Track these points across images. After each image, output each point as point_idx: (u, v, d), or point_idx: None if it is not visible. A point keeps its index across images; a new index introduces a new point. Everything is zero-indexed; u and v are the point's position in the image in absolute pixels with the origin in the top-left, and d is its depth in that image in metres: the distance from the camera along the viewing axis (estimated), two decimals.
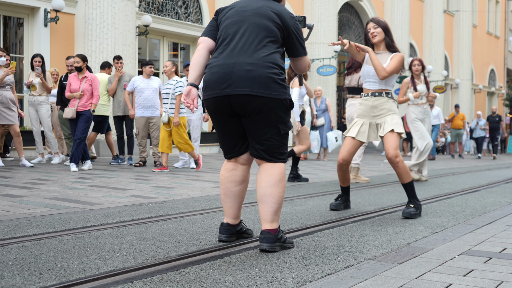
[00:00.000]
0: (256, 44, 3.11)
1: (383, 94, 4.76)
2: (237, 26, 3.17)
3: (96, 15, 12.13)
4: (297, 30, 3.26)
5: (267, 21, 3.15)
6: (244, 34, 3.14)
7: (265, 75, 3.04)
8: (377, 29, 4.80)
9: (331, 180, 8.05)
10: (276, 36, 3.16)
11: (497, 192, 6.87)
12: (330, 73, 18.29)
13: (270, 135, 3.14)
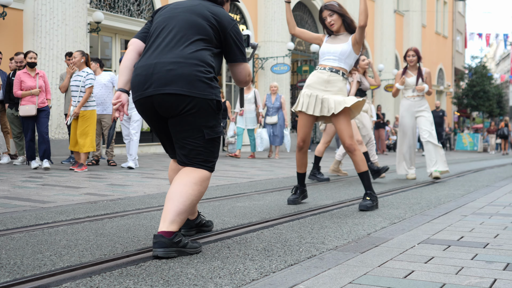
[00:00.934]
0: (183, 41, 2.86)
1: (340, 73, 4.74)
2: (166, 23, 2.96)
3: (46, 11, 11.81)
4: (236, 34, 2.99)
5: (200, 18, 2.91)
6: (171, 31, 2.91)
7: (188, 72, 2.78)
8: (333, 16, 4.78)
9: (287, 177, 8.06)
10: (207, 35, 2.90)
11: (450, 185, 7.01)
12: (284, 71, 18.36)
13: (193, 139, 2.86)
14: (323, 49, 4.84)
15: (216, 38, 2.93)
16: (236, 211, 4.43)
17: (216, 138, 2.93)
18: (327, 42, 4.84)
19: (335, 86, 4.72)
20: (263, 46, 19.08)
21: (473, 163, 13.93)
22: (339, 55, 4.73)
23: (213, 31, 2.91)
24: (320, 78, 4.76)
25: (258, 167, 9.82)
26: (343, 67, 4.77)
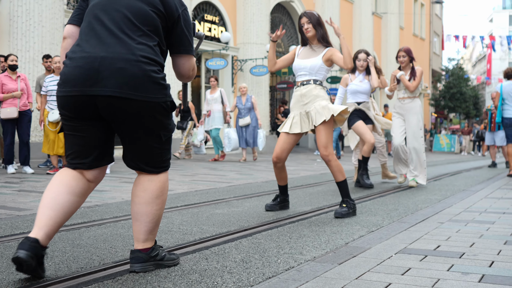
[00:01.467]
0: (130, 32, 2.54)
1: (311, 82, 4.79)
2: (107, 7, 2.58)
3: (22, 12, 11.68)
4: (185, 22, 2.71)
5: (145, 5, 2.59)
6: (114, 18, 2.55)
7: (141, 73, 2.49)
8: (310, 24, 4.83)
9: (266, 181, 8.07)
10: (155, 26, 2.61)
11: (427, 190, 7.07)
12: (263, 73, 18.38)
13: (150, 144, 2.64)
14: (295, 65, 4.92)
15: (163, 27, 2.65)
16: (214, 218, 4.42)
17: (170, 136, 2.75)
18: (299, 57, 4.91)
19: (310, 95, 4.76)
20: (242, 48, 19.08)
21: (450, 165, 14.08)
22: (309, 69, 4.81)
23: (160, 20, 2.62)
24: (296, 96, 4.86)
25: (237, 171, 9.81)
26: (314, 78, 4.82)
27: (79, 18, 2.69)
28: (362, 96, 7.23)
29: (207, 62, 17.23)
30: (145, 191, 2.68)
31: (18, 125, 8.36)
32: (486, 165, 14.22)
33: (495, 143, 12.73)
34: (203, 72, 18.48)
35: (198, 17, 17.80)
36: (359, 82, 7.22)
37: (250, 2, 19.02)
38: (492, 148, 12.98)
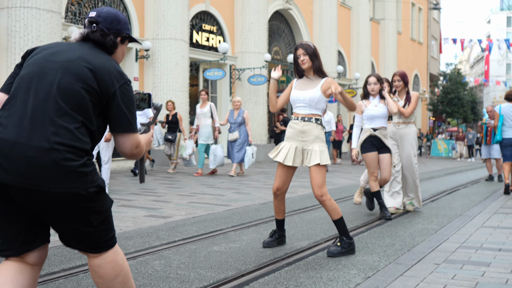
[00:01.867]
0: (51, 115, 2.29)
1: (313, 120, 4.77)
2: (33, 81, 2.36)
3: (20, 28, 11.68)
4: (123, 98, 2.42)
5: (76, 82, 2.35)
6: (37, 96, 2.32)
7: (53, 163, 2.23)
8: (306, 56, 4.82)
9: (264, 202, 8.08)
10: (81, 104, 2.34)
11: (424, 215, 7.09)
12: (261, 82, 18.40)
13: (81, 230, 2.37)
14: (293, 96, 4.88)
15: (96, 104, 2.40)
16: (212, 259, 4.44)
17: (108, 214, 2.45)
18: (296, 88, 4.89)
19: (310, 135, 4.76)
20: (240, 57, 19.11)
21: (447, 178, 14.11)
22: (308, 102, 4.77)
23: (90, 97, 2.37)
24: (296, 130, 4.80)
25: (235, 189, 9.83)
26: (315, 113, 4.80)
27: (9, 87, 2.48)
28: (379, 121, 6.80)
29: (205, 73, 17.26)
30: (100, 277, 2.47)
31: None
32: (483, 177, 14.27)
33: (491, 156, 12.81)
34: (201, 82, 18.50)
35: (196, 27, 17.82)
36: (374, 107, 6.82)
37: (248, 11, 19.04)
38: (489, 162, 13.03)
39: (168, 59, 15.51)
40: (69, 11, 13.65)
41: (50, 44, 2.55)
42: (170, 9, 15.42)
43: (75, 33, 2.56)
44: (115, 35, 2.57)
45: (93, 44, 2.52)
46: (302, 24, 23.40)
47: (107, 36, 2.53)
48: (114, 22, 2.57)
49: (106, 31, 2.52)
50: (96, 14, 2.55)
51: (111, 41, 2.54)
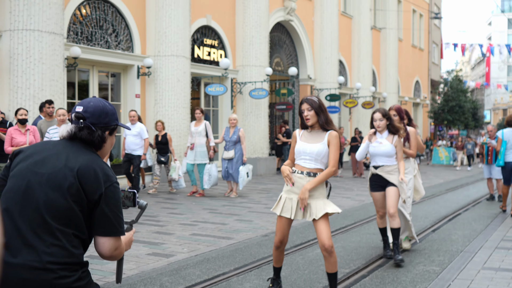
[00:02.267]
0: (41, 232, 2.28)
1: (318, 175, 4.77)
2: (19, 197, 2.34)
3: (22, 50, 11.72)
4: (109, 199, 2.40)
5: (62, 196, 2.32)
6: (25, 214, 2.31)
7: (47, 284, 2.24)
8: (311, 111, 4.81)
9: (266, 234, 8.11)
10: (70, 217, 2.33)
11: (426, 253, 7.10)
12: (262, 96, 18.43)
13: None
14: (298, 147, 4.87)
15: (84, 212, 2.37)
16: None
17: None
18: (302, 140, 4.88)
19: (315, 191, 4.75)
20: (241, 70, 19.14)
21: (448, 196, 14.13)
22: (315, 156, 4.77)
23: (80, 208, 2.35)
24: (300, 184, 4.79)
25: (237, 214, 9.86)
26: (320, 168, 4.82)
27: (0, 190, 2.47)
28: (382, 159, 6.54)
29: (206, 88, 17.29)
30: None
31: None
32: (483, 194, 14.30)
33: (492, 176, 12.84)
34: (202, 96, 18.54)
35: (197, 42, 17.85)
36: (378, 144, 6.54)
37: (249, 24, 19.08)
38: (490, 181, 13.06)
39: (170, 75, 15.54)
40: (71, 30, 13.67)
41: (36, 147, 2.51)
42: (171, 25, 15.46)
43: (62, 130, 2.52)
44: (103, 129, 2.54)
45: (80, 142, 2.50)
46: (303, 34, 23.44)
47: (95, 133, 2.50)
48: (101, 116, 2.53)
49: (93, 129, 2.50)
50: (83, 109, 2.51)
51: (99, 137, 2.52)
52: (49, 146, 2.49)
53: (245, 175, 12.04)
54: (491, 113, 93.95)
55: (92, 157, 2.45)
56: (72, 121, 2.53)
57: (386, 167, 6.54)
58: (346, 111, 26.90)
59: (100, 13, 14.48)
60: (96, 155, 2.51)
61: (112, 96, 15.56)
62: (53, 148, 2.46)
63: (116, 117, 2.62)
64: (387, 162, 6.55)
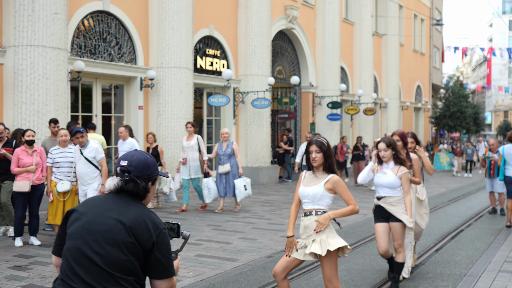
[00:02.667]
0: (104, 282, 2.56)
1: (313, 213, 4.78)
2: (80, 256, 2.60)
3: (26, 66, 11.78)
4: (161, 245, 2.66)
5: (119, 251, 2.57)
6: (88, 270, 2.57)
7: None
8: (319, 154, 4.81)
9: (270, 254, 8.15)
10: (129, 269, 2.60)
11: (428, 276, 7.13)
12: (264, 106, 18.48)
13: None
14: (300, 191, 4.91)
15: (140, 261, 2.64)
16: None
17: None
18: (304, 184, 4.91)
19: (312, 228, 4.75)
20: (244, 80, 19.20)
21: (451, 209, 14.18)
22: (311, 197, 4.81)
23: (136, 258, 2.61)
24: (301, 226, 4.87)
25: (241, 232, 9.91)
26: (317, 208, 4.81)
27: (59, 248, 2.76)
28: (384, 190, 6.32)
29: (209, 99, 17.34)
30: None
31: (30, 198, 8.58)
32: (486, 205, 14.36)
33: (494, 189, 12.91)
34: (205, 106, 18.60)
35: (200, 52, 17.91)
36: (383, 175, 6.32)
37: (251, 34, 19.13)
38: (492, 195, 13.11)
39: (173, 87, 15.60)
40: (74, 43, 13.73)
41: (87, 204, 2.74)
42: (174, 37, 15.52)
43: (109, 183, 2.73)
44: (147, 180, 2.76)
45: (127, 194, 2.73)
46: (305, 42, 23.49)
47: (140, 185, 2.72)
48: (144, 168, 2.75)
49: (138, 181, 2.72)
50: (127, 164, 2.73)
51: (143, 189, 2.74)
52: (99, 202, 2.73)
53: (242, 187, 11.95)
54: (492, 115, 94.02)
55: (140, 210, 2.69)
56: (117, 174, 2.75)
57: (389, 198, 6.31)
58: (348, 118, 26.95)
59: (104, 26, 14.54)
60: (142, 205, 2.75)
61: (115, 108, 15.62)
62: (103, 204, 2.70)
63: (157, 167, 2.84)
64: (390, 193, 6.31)
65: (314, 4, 24.15)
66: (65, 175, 8.69)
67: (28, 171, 8.50)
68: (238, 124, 19.28)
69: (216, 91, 18.35)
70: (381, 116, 30.93)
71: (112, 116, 15.42)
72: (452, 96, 36.11)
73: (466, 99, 36.13)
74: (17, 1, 11.73)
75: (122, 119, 15.54)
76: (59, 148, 8.73)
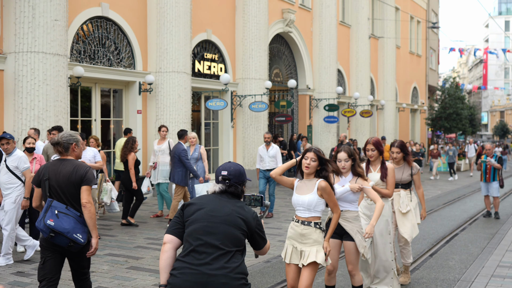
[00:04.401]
0: (227, 255, 3.39)
1: (312, 224, 5.02)
2: (208, 233, 3.43)
3: (27, 72, 11.92)
4: (259, 229, 3.64)
5: (236, 230, 3.47)
6: (215, 243, 3.40)
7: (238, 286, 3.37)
8: (315, 162, 5.02)
9: (268, 259, 8.29)
10: (243, 245, 3.51)
11: (423, 281, 7.30)
12: (262, 109, 18.64)
13: None
14: (294, 199, 5.13)
15: (246, 239, 3.59)
16: None
17: None
18: (297, 192, 5.13)
19: (309, 239, 5.01)
20: (241, 83, 19.35)
21: (446, 212, 14.34)
22: (307, 206, 5.03)
23: (245, 237, 3.54)
24: (296, 231, 5.08)
25: None
26: (314, 216, 5.05)
27: (177, 231, 3.54)
28: (342, 204, 5.64)
29: (207, 103, 17.49)
30: None
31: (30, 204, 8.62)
32: (481, 209, 14.54)
33: (489, 193, 13.09)
34: (203, 109, 18.75)
35: (197, 56, 18.06)
36: (341, 187, 5.66)
37: (249, 37, 19.29)
38: (487, 198, 13.30)
39: (171, 91, 15.75)
40: (74, 49, 13.87)
41: (204, 198, 3.62)
42: (172, 42, 15.66)
43: (213, 187, 3.68)
44: (242, 184, 3.71)
45: (229, 195, 3.64)
46: (302, 45, 23.65)
47: (239, 188, 3.68)
48: (240, 176, 3.72)
49: (238, 186, 3.68)
50: (227, 173, 3.67)
51: (241, 191, 3.71)
52: (212, 198, 3.62)
53: (204, 193, 10.95)
54: (488, 115, 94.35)
55: (242, 204, 3.65)
56: (219, 181, 3.67)
57: (346, 213, 5.63)
58: (344, 120, 27.12)
59: (103, 31, 14.68)
60: (241, 201, 3.69)
61: (113, 112, 15.76)
62: (215, 200, 3.60)
63: (245, 174, 3.76)
64: (349, 207, 5.65)
65: (311, 7, 24.31)
66: None
67: None
68: (236, 128, 19.43)
69: (214, 95, 18.50)
70: (377, 118, 31.11)
71: (111, 120, 15.56)
72: (448, 98, 36.31)
73: (462, 101, 36.34)
74: (17, 8, 11.86)
75: (121, 124, 15.68)
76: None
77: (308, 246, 5.00)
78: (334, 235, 5.62)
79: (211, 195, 3.63)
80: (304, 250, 5.01)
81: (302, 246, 5.03)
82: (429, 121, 36.66)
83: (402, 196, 7.05)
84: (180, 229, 3.53)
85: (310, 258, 4.93)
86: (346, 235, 5.64)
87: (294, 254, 5.06)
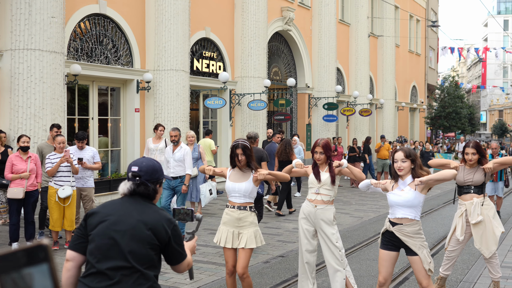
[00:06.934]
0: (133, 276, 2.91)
1: (247, 208, 5.57)
2: (110, 251, 2.93)
3: (23, 69, 11.78)
4: (175, 241, 3.06)
5: (143, 245, 2.95)
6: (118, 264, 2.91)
7: None
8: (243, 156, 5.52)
9: (266, 260, 8.19)
10: (153, 260, 2.98)
11: None
12: (260, 108, 18.52)
13: None
14: (228, 186, 5.63)
15: (157, 254, 3.02)
16: None
17: None
18: (231, 180, 5.63)
19: (246, 221, 5.54)
20: (240, 82, 19.23)
21: (446, 211, 14.24)
22: (243, 192, 5.54)
23: (155, 251, 2.99)
24: (232, 217, 5.58)
25: None
26: (248, 201, 5.60)
27: (80, 246, 3.02)
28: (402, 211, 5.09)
29: (205, 101, 17.37)
30: None
31: (24, 204, 8.56)
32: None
33: (496, 193, 13.00)
34: (201, 108, 18.62)
35: (196, 55, 17.93)
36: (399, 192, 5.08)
37: (247, 36, 19.17)
38: (492, 198, 13.19)
39: (169, 90, 15.61)
40: (71, 47, 13.74)
41: (106, 207, 3.07)
42: (171, 40, 15.53)
43: (122, 187, 3.09)
44: (155, 183, 3.12)
45: (139, 196, 3.08)
46: (301, 43, 23.54)
47: (150, 188, 3.08)
48: (153, 173, 3.12)
49: (148, 184, 3.08)
50: (138, 169, 3.08)
51: (153, 190, 3.11)
52: (118, 206, 3.07)
53: (207, 192, 10.89)
54: (487, 114, 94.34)
55: (154, 209, 3.08)
56: (129, 178, 3.10)
57: (405, 227, 4.99)
58: (344, 119, 27.02)
59: (100, 29, 14.54)
60: (155, 205, 3.13)
61: (111, 110, 15.62)
62: (122, 208, 3.04)
63: (162, 172, 3.20)
64: (408, 214, 5.00)
65: (310, 5, 24.20)
66: (65, 180, 8.65)
67: (22, 177, 8.46)
68: (235, 126, 19.31)
69: (212, 93, 18.37)
70: (376, 117, 31.02)
71: (108, 119, 15.42)
72: (447, 97, 36.23)
73: (461, 100, 36.26)
74: (14, 5, 11.73)
75: (119, 122, 15.55)
76: (55, 154, 8.72)
77: (245, 229, 5.52)
78: (390, 246, 5.10)
79: (118, 200, 3.12)
80: (242, 233, 5.52)
81: (240, 229, 5.53)
82: (428, 120, 36.56)
83: (474, 204, 6.31)
84: (83, 243, 3.01)
85: (249, 244, 5.46)
86: (408, 251, 5.05)
87: (231, 238, 5.51)
